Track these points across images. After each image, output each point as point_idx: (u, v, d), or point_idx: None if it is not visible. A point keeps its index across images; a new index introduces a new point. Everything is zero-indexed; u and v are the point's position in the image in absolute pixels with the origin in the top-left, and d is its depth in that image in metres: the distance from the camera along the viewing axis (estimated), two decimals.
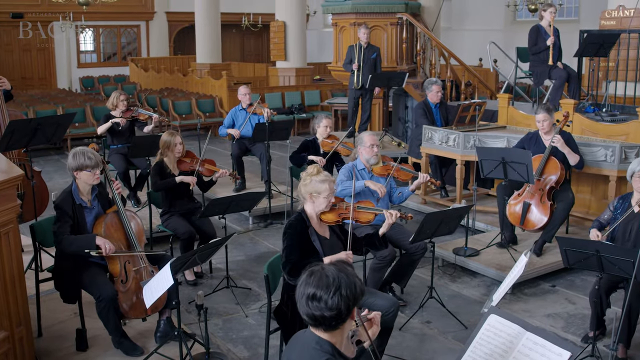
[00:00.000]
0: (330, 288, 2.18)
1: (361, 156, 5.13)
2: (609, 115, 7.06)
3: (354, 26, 9.34)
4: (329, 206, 3.78)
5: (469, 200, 6.43)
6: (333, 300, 2.17)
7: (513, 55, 8.90)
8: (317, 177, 3.75)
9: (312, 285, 2.20)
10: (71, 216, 4.06)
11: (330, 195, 3.74)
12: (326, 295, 2.17)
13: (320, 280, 2.20)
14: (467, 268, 5.70)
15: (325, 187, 3.72)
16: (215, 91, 13.68)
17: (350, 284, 2.21)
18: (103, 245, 3.98)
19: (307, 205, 3.78)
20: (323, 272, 2.22)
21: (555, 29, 7.46)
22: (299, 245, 3.69)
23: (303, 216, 3.76)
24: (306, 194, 3.75)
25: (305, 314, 2.23)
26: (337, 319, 2.20)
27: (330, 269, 2.23)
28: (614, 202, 4.55)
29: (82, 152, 4.08)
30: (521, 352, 2.36)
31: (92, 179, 4.09)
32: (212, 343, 4.36)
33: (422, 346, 4.45)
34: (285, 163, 8.47)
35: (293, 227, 3.73)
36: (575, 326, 4.72)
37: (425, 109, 7.37)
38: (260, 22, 20.58)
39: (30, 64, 19.64)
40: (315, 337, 2.27)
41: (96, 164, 4.07)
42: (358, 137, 5.19)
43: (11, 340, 3.69)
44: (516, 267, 3.66)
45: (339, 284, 2.19)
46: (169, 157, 5.60)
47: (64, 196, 4.10)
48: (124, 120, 7.26)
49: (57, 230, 4.04)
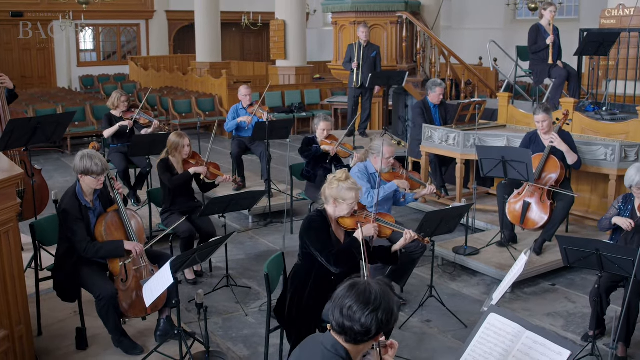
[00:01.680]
0: (368, 306, 2.16)
1: (375, 164, 5.07)
2: (609, 114, 7.06)
3: (354, 25, 9.33)
4: (351, 212, 3.77)
5: (468, 199, 6.43)
6: (367, 318, 2.15)
7: (513, 54, 8.89)
8: (345, 184, 3.72)
9: (353, 297, 2.18)
10: (82, 219, 4.04)
11: (354, 203, 3.73)
12: (362, 311, 2.16)
13: (362, 295, 2.18)
14: (467, 267, 5.70)
15: (351, 196, 3.70)
16: (215, 90, 13.67)
17: (389, 309, 2.19)
18: (133, 249, 4.03)
19: (328, 208, 3.78)
20: (368, 288, 2.20)
21: (555, 27, 7.45)
22: (329, 238, 3.70)
23: (324, 214, 3.77)
24: (330, 197, 3.73)
25: (335, 321, 2.21)
26: (364, 335, 2.19)
27: (375, 287, 2.21)
28: (617, 201, 4.54)
29: (90, 156, 4.01)
30: (521, 351, 2.36)
31: (96, 184, 4.07)
32: (212, 342, 4.37)
33: (422, 345, 4.45)
34: (285, 162, 8.46)
35: (318, 223, 3.72)
36: (575, 325, 4.72)
37: (423, 108, 7.36)
38: (260, 21, 20.56)
39: (30, 62, 19.62)
40: (333, 340, 2.25)
41: (102, 171, 4.03)
42: (374, 146, 5.09)
43: (11, 339, 3.69)
44: (516, 266, 3.66)
45: (379, 305, 2.17)
46: (176, 157, 5.61)
47: (70, 200, 4.04)
48: (131, 123, 7.27)
49: (77, 239, 3.99)
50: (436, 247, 5.65)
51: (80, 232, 3.99)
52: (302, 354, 2.38)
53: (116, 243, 4.04)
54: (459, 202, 6.28)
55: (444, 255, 5.85)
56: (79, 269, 4.05)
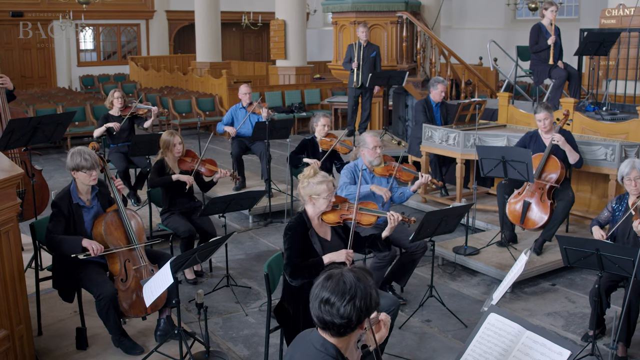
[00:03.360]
0: (345, 296, 2.14)
1: (364, 157, 5.08)
2: (609, 114, 7.07)
3: (354, 25, 9.33)
4: (330, 206, 3.77)
5: (469, 199, 6.43)
6: (345, 308, 2.13)
7: (513, 54, 8.89)
8: (315, 179, 3.74)
9: (328, 290, 2.16)
10: (66, 216, 4.05)
11: (329, 195, 3.73)
12: (339, 302, 2.14)
13: (336, 286, 2.16)
14: (467, 267, 5.70)
15: (323, 188, 3.71)
16: (215, 90, 13.68)
17: (366, 295, 2.16)
18: (90, 246, 3.96)
19: (308, 207, 3.78)
20: (341, 278, 2.18)
21: (556, 27, 7.45)
22: (300, 247, 3.68)
23: (304, 217, 3.76)
24: (306, 196, 3.75)
25: (315, 316, 2.20)
26: (346, 327, 2.17)
27: (349, 276, 2.19)
28: (612, 202, 4.56)
29: (79, 152, 4.06)
30: (521, 350, 2.36)
31: (89, 179, 4.08)
32: (212, 342, 4.37)
33: (422, 345, 4.45)
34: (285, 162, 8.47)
35: (293, 229, 3.72)
36: (575, 325, 4.72)
37: (425, 107, 7.36)
38: (260, 21, 20.57)
39: (30, 62, 19.63)
40: (321, 339, 2.24)
41: (92, 165, 4.04)
42: (360, 139, 5.15)
43: (11, 338, 3.69)
44: (516, 265, 3.66)
45: (355, 294, 2.14)
46: (169, 157, 5.61)
47: (62, 196, 4.09)
48: (117, 125, 7.26)
49: (49, 228, 4.04)
50: (436, 247, 5.65)
51: (56, 225, 4.02)
52: (295, 354, 2.37)
53: (75, 240, 4.00)
54: (459, 202, 6.29)
55: (444, 255, 5.85)
56: (79, 268, 4.05)
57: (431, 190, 7.62)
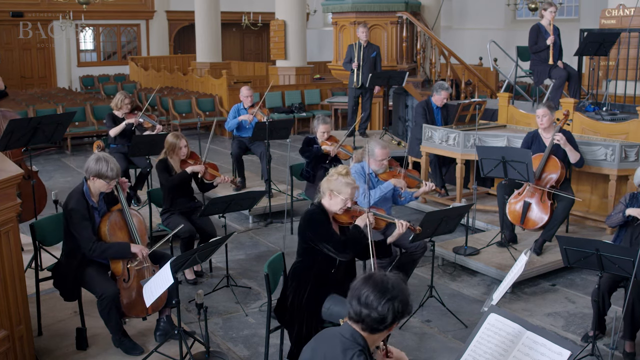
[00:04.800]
0: (386, 295, 2.26)
1: (370, 165, 5.07)
2: (609, 114, 7.06)
3: (354, 25, 9.33)
4: (343, 210, 3.78)
5: (469, 199, 6.43)
6: (384, 307, 2.25)
7: (513, 54, 8.89)
8: (344, 179, 3.75)
9: (370, 287, 2.27)
10: (89, 219, 4.03)
11: (348, 200, 3.74)
12: (379, 300, 2.25)
13: (379, 285, 2.27)
14: (467, 267, 5.70)
15: (347, 191, 3.72)
16: (215, 90, 13.67)
17: (405, 299, 2.30)
18: (140, 252, 4.04)
19: (324, 200, 3.79)
20: (384, 279, 2.30)
21: (555, 27, 7.45)
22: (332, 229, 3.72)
23: (323, 208, 3.78)
24: (327, 189, 3.76)
25: (352, 309, 2.29)
26: (379, 324, 2.27)
27: (392, 278, 2.31)
28: (625, 197, 4.52)
29: (106, 160, 3.99)
30: (521, 351, 2.36)
31: (106, 188, 4.08)
32: (212, 342, 4.37)
33: (422, 345, 4.45)
34: (285, 162, 8.47)
35: (318, 215, 3.73)
36: (576, 325, 4.72)
37: (425, 109, 7.36)
38: (260, 21, 20.56)
39: (30, 62, 19.62)
40: (351, 329, 2.32)
41: (115, 176, 4.03)
42: (369, 147, 5.10)
43: (11, 339, 3.69)
44: (516, 266, 3.66)
45: (396, 295, 2.27)
46: (174, 159, 5.62)
47: (78, 199, 4.02)
48: (137, 120, 7.26)
49: (84, 238, 3.97)
50: (436, 247, 5.65)
51: (87, 232, 3.99)
52: (319, 346, 2.41)
53: (123, 245, 4.04)
54: (459, 202, 6.29)
55: (444, 255, 5.85)
56: (81, 268, 4.05)
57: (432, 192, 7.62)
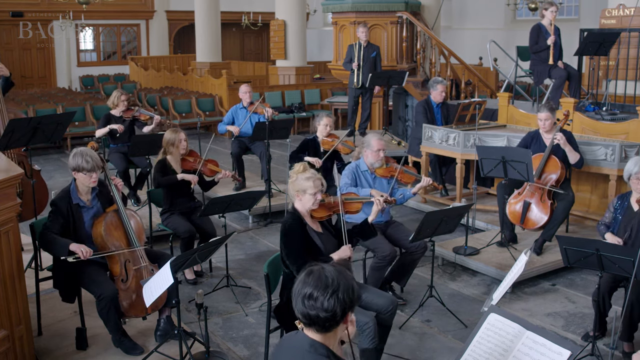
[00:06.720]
0: (327, 289, 2.16)
1: (366, 158, 5.06)
2: (609, 114, 7.06)
3: (354, 25, 9.32)
4: (317, 204, 3.79)
5: (469, 199, 6.43)
6: (329, 302, 2.15)
7: (513, 54, 8.89)
8: (303, 175, 3.78)
9: (310, 285, 2.18)
10: (64, 215, 4.05)
11: (316, 192, 3.75)
12: (323, 296, 2.15)
13: (318, 281, 2.18)
14: (467, 267, 5.70)
15: (310, 185, 3.74)
16: (215, 90, 13.67)
17: (348, 288, 2.19)
18: (78, 250, 3.93)
19: (296, 203, 3.82)
20: (322, 272, 2.20)
21: (556, 27, 7.45)
22: (303, 246, 3.70)
23: (297, 214, 3.79)
24: (293, 192, 3.80)
25: (300, 312, 2.21)
26: (331, 320, 2.17)
27: (330, 270, 2.21)
28: (613, 202, 4.56)
29: (81, 153, 4.05)
30: (521, 351, 2.35)
31: (89, 181, 4.08)
32: (212, 342, 4.37)
33: (421, 345, 4.45)
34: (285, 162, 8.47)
35: (292, 229, 3.73)
36: (575, 325, 4.72)
37: (426, 108, 7.35)
38: (260, 21, 20.56)
39: (30, 62, 19.62)
40: (308, 340, 2.23)
41: (93, 167, 4.04)
42: (365, 139, 5.12)
43: (11, 339, 3.69)
44: (516, 265, 3.66)
45: (337, 287, 2.17)
46: (174, 154, 5.60)
47: (61, 195, 4.10)
48: (121, 127, 7.25)
49: (45, 225, 4.05)
50: (436, 247, 5.65)
51: (51, 223, 4.03)
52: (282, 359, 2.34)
53: (63, 243, 3.97)
54: (459, 202, 6.29)
55: (444, 255, 5.85)
56: (79, 269, 4.05)
57: (431, 190, 7.62)
